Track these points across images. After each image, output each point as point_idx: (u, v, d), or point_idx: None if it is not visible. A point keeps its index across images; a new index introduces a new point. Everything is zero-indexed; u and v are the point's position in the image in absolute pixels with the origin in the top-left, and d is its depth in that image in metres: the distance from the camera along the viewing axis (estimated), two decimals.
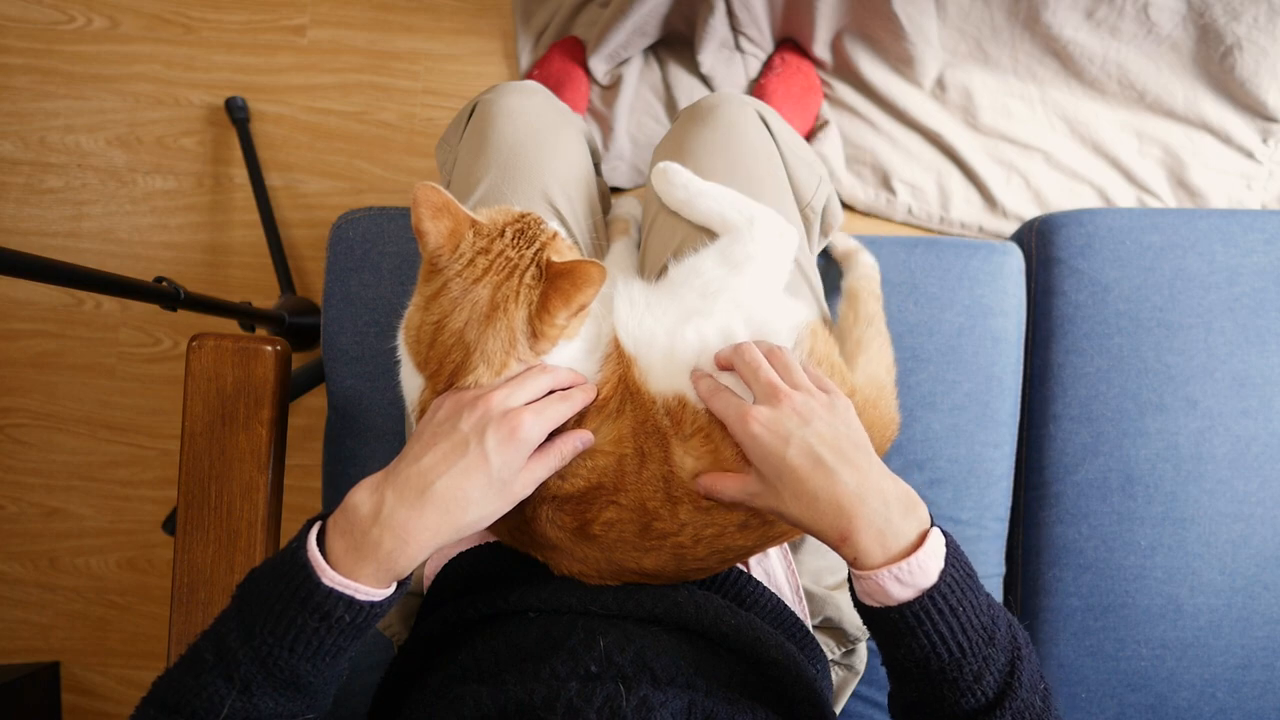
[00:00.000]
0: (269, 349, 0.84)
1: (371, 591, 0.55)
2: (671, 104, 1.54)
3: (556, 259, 0.65)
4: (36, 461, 1.60)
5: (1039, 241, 1.06)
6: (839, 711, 0.86)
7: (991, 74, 1.50)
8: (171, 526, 1.28)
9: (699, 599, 0.66)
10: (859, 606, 0.58)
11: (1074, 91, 1.50)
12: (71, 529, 1.60)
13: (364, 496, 0.57)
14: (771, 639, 0.66)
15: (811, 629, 0.78)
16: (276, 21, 1.62)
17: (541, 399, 0.63)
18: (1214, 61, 1.43)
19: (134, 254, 1.61)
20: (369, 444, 1.00)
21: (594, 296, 0.64)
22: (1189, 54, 1.44)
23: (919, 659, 0.54)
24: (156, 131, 1.61)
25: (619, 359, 0.69)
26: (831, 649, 0.81)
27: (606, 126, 1.53)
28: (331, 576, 0.54)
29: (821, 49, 1.49)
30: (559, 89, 1.48)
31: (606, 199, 0.98)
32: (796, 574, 0.79)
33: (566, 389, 0.66)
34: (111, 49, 1.62)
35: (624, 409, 0.67)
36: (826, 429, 0.59)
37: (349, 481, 0.69)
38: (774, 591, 0.74)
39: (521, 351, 0.64)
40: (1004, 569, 1.04)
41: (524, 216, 0.67)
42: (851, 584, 0.58)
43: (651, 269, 0.81)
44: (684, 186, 0.78)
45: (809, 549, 0.82)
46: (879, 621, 0.56)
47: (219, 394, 0.83)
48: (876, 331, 0.84)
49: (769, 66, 1.50)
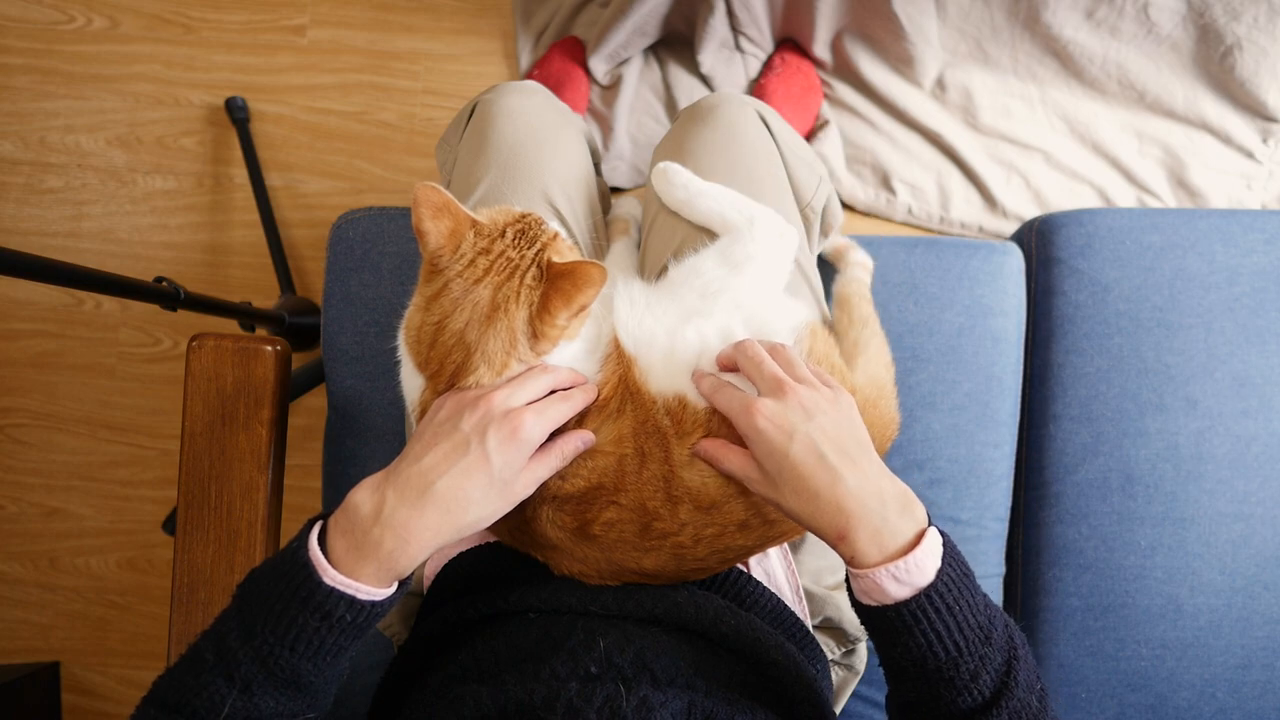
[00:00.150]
0: (269, 349, 0.84)
1: (372, 591, 0.55)
2: (671, 104, 1.54)
3: (557, 259, 0.65)
4: (36, 461, 1.60)
5: (1039, 241, 1.06)
6: (839, 711, 0.86)
7: (991, 74, 1.50)
8: (171, 526, 1.27)
9: (699, 599, 0.66)
10: (856, 605, 0.58)
11: (1074, 91, 1.50)
12: (71, 529, 1.60)
13: (365, 496, 0.58)
14: (771, 639, 0.66)
15: (811, 629, 0.78)
16: (276, 21, 1.62)
17: (542, 399, 0.63)
18: (1214, 61, 1.43)
19: (134, 254, 1.61)
20: (369, 444, 1.00)
21: (595, 297, 0.64)
22: (1189, 54, 1.44)
23: (916, 658, 0.54)
24: (156, 131, 1.61)
25: (619, 359, 0.69)
26: (831, 649, 0.81)
27: (606, 126, 1.53)
28: (332, 576, 0.54)
29: (821, 49, 1.49)
30: (559, 89, 1.48)
31: (606, 199, 0.98)
32: (796, 574, 0.79)
33: (567, 389, 0.66)
34: (111, 49, 1.62)
35: (624, 409, 0.67)
36: (830, 425, 0.59)
37: (349, 481, 0.69)
38: (774, 591, 0.74)
39: (522, 352, 0.64)
40: (1004, 569, 1.04)
41: (525, 217, 0.67)
42: (849, 582, 0.58)
43: (651, 269, 0.81)
44: (684, 186, 0.78)
45: (809, 549, 0.82)
46: (876, 620, 0.56)
47: (219, 394, 0.83)
48: (873, 333, 0.84)
49: (769, 66, 1.50)
